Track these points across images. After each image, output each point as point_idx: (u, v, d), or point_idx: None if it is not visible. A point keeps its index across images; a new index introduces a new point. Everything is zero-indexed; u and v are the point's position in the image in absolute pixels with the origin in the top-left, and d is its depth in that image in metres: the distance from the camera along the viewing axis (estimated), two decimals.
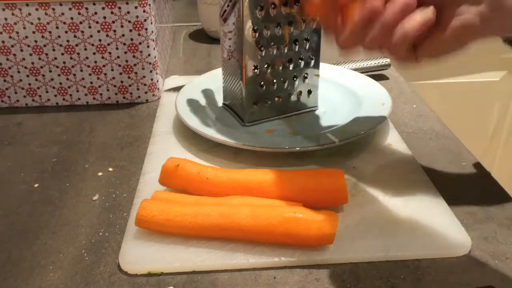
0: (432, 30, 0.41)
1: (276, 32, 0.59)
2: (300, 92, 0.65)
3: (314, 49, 0.63)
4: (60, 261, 0.44)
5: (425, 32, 0.41)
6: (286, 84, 0.64)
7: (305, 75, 0.65)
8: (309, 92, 0.66)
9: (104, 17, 0.66)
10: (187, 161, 0.50)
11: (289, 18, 0.59)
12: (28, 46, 0.68)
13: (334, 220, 0.43)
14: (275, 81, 0.63)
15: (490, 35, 0.42)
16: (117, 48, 0.69)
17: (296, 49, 0.62)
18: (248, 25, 0.57)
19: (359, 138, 0.57)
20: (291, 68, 0.63)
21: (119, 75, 0.71)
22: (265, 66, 0.61)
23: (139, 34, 0.68)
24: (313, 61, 0.64)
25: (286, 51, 0.61)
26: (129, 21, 0.67)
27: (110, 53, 0.69)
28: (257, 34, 0.58)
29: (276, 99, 0.64)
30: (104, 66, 0.70)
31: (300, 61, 0.63)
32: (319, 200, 0.48)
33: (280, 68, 0.62)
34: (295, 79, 0.64)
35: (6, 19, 0.66)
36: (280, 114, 0.65)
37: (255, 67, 0.60)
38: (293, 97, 0.65)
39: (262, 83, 0.62)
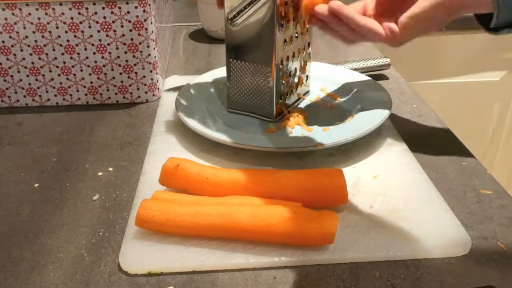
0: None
1: (293, 24, 0.62)
2: (303, 80, 0.69)
3: (309, 35, 0.67)
4: (60, 261, 0.44)
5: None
6: (297, 74, 0.67)
7: (306, 62, 0.68)
8: (307, 77, 0.70)
9: (104, 17, 0.66)
10: (187, 161, 0.50)
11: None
12: (28, 46, 0.68)
13: (334, 220, 0.43)
14: (292, 72, 0.65)
15: (461, 9, 0.48)
16: (117, 48, 0.69)
17: (300, 38, 0.65)
18: (279, 20, 0.58)
19: (359, 138, 0.57)
20: (299, 58, 0.66)
21: (119, 75, 0.71)
22: (287, 59, 0.63)
23: (139, 34, 0.68)
24: (309, 48, 0.68)
25: (297, 41, 0.64)
26: (129, 21, 0.67)
27: (110, 53, 0.69)
28: (283, 29, 0.60)
29: (292, 89, 0.67)
30: (104, 66, 0.70)
31: (303, 50, 0.67)
32: (319, 200, 0.48)
33: (293, 59, 0.65)
34: (301, 67, 0.68)
35: (6, 19, 0.66)
36: (294, 103, 0.69)
37: (281, 61, 0.62)
38: (299, 84, 0.69)
39: (284, 76, 0.64)
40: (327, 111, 0.67)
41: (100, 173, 0.57)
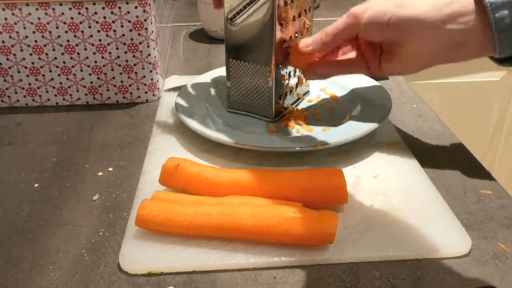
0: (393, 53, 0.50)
1: (292, 24, 0.61)
2: (302, 80, 0.69)
3: (309, 35, 0.66)
4: (60, 261, 0.44)
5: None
6: (297, 74, 0.67)
7: None
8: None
9: (104, 17, 0.66)
10: (187, 161, 0.50)
11: (299, 9, 0.62)
12: (28, 46, 0.68)
13: (334, 220, 0.43)
14: (291, 73, 0.65)
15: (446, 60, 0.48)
16: (117, 48, 0.69)
17: (300, 38, 0.64)
18: (279, 20, 0.58)
19: (359, 138, 0.57)
20: None
21: (119, 75, 0.71)
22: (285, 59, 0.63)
23: (139, 34, 0.68)
24: None
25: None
26: (129, 21, 0.67)
27: (110, 53, 0.69)
28: (283, 29, 0.60)
29: (291, 89, 0.67)
30: (104, 66, 0.70)
31: None
32: (319, 200, 0.48)
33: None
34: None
35: (6, 19, 0.66)
36: (294, 103, 0.69)
37: (281, 61, 0.62)
38: (299, 85, 0.69)
39: (284, 76, 0.64)
40: (327, 111, 0.67)
41: (100, 173, 0.57)
